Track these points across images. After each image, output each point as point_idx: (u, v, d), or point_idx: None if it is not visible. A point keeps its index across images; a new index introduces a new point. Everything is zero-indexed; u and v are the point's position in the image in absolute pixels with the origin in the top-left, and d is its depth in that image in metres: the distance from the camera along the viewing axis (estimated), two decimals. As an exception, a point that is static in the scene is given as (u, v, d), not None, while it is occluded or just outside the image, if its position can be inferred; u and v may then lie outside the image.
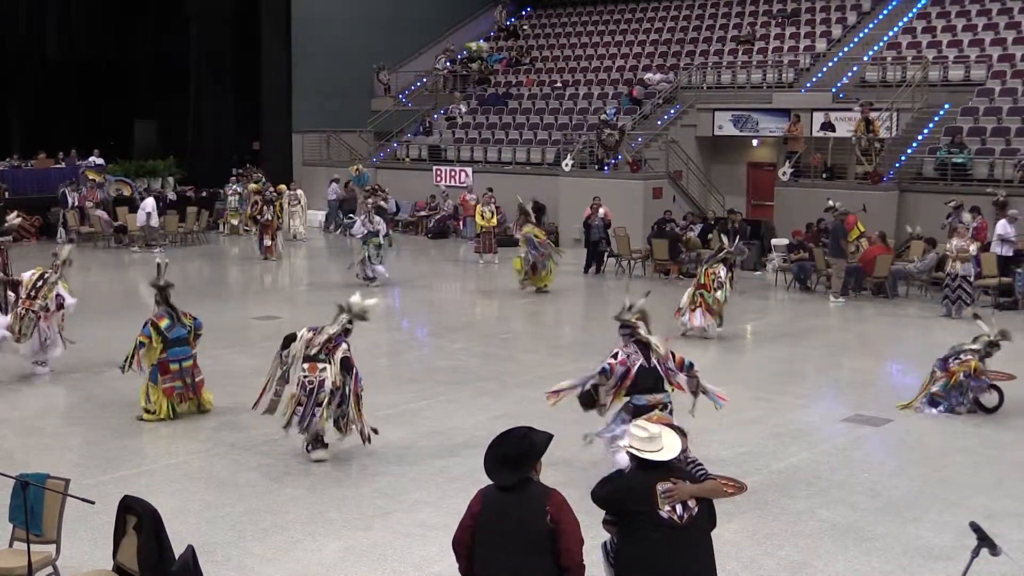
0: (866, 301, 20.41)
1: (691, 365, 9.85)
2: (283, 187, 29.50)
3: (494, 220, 25.62)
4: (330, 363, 10.46)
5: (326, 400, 10.42)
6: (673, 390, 9.85)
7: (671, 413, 9.51)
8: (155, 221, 27.97)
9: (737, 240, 19.78)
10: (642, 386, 9.61)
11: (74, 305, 14.46)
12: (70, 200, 28.91)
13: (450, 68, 37.21)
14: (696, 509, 5.61)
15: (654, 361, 9.72)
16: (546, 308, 20.44)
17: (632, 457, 5.86)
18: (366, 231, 21.49)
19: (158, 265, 12.67)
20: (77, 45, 35.18)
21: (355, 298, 10.97)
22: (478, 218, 26.05)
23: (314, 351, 10.53)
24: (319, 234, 32.09)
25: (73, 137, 32.41)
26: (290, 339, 10.78)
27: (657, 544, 5.56)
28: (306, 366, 10.52)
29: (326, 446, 10.66)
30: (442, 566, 7.98)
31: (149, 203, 28.04)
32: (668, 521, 5.54)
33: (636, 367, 9.63)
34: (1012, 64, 26.56)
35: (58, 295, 14.14)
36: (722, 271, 16.95)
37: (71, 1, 35.81)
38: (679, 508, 5.56)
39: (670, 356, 9.83)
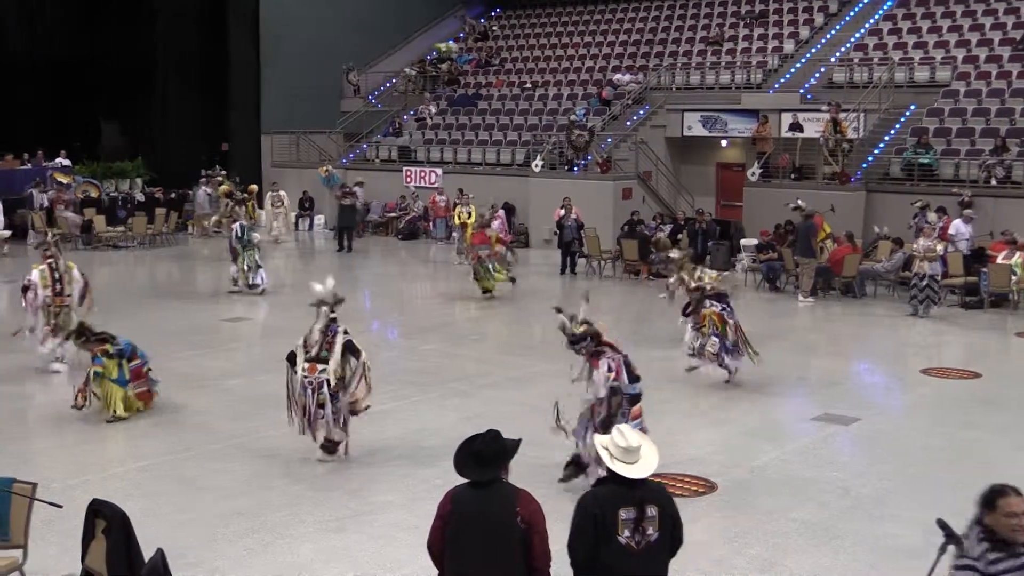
0: (834, 301, 20.55)
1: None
2: (254, 187, 29.40)
3: (472, 220, 25.52)
4: (331, 357, 10.42)
5: (327, 399, 10.40)
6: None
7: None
8: None
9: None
10: (632, 374, 9.65)
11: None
12: (37, 201, 28.66)
13: (419, 72, 37.14)
14: (655, 536, 5.57)
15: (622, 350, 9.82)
16: (517, 309, 20.44)
17: (607, 469, 5.76)
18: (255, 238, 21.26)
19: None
20: (42, 44, 34.81)
21: (318, 287, 10.77)
22: (456, 219, 26.03)
23: (313, 351, 10.47)
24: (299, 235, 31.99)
25: (39, 138, 32.09)
26: (292, 358, 10.65)
27: (611, 565, 5.57)
28: (307, 366, 10.48)
29: (334, 452, 10.63)
30: (413, 568, 7.97)
31: None
32: (625, 548, 5.55)
33: (621, 361, 9.64)
34: (976, 65, 26.84)
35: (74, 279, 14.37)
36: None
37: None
38: (636, 535, 5.56)
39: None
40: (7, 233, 20.57)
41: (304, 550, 8.51)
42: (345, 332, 10.57)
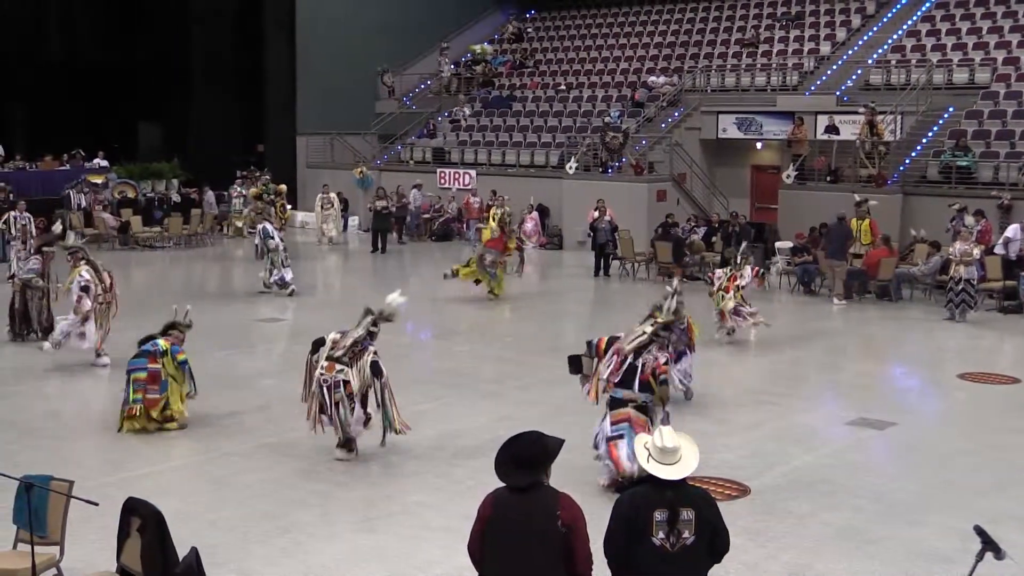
0: (870, 304, 20.39)
1: (664, 382, 9.81)
2: (283, 187, 29.59)
3: (493, 224, 25.49)
4: (352, 367, 10.46)
5: (342, 399, 10.42)
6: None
7: (667, 420, 9.27)
8: None
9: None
10: (623, 381, 9.75)
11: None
12: (74, 202, 28.94)
13: (453, 71, 37.17)
14: (691, 539, 5.54)
15: (640, 362, 9.76)
16: (550, 311, 20.44)
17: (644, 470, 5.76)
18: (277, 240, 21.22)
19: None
20: (81, 47, 35.31)
21: (391, 297, 11.01)
22: (491, 220, 26.02)
23: (338, 353, 10.51)
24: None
25: (77, 139, 32.48)
26: (318, 343, 10.76)
27: (645, 566, 5.56)
28: (325, 364, 10.52)
29: (351, 450, 10.64)
30: (444, 568, 7.99)
31: None
32: (659, 549, 5.54)
33: (626, 364, 9.75)
34: (1016, 67, 26.55)
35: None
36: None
37: (75, 3, 35.93)
38: (671, 537, 5.54)
39: (657, 365, 9.81)
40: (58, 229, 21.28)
41: (335, 550, 8.54)
42: (375, 352, 10.58)
